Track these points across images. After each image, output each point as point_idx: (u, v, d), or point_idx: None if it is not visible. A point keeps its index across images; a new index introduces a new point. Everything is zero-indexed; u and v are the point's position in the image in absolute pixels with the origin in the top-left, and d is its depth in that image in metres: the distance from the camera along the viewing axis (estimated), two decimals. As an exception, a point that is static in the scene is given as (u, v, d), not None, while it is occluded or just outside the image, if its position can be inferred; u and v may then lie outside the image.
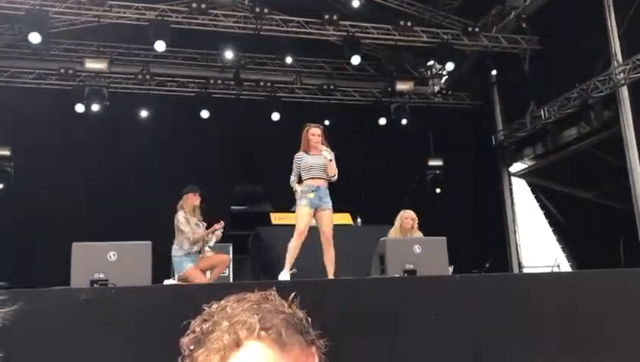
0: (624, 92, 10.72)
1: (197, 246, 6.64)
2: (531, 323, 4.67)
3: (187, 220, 6.59)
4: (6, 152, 11.98)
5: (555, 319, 4.70)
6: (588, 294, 4.96)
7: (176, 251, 6.59)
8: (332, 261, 5.69)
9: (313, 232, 5.87)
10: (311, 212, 5.77)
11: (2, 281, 7.57)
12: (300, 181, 5.87)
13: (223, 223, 6.85)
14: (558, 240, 13.33)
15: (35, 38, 10.43)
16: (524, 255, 13.79)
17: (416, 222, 7.05)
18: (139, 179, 11.93)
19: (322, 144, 5.82)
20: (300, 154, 5.91)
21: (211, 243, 6.95)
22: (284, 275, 5.67)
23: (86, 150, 11.80)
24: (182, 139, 12.60)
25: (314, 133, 5.88)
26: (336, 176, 5.81)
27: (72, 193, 11.51)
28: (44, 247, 10.32)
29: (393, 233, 6.98)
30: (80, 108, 12.04)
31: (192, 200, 6.74)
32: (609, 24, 10.77)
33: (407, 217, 6.98)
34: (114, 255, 4.69)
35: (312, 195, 5.73)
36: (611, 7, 10.77)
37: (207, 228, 6.83)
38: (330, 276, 5.59)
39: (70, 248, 4.78)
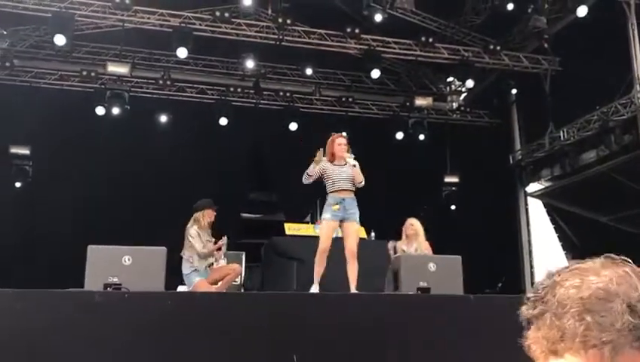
0: (646, 116, 10.62)
1: (207, 262, 6.57)
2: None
3: (199, 235, 6.52)
4: (26, 151, 12.12)
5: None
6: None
7: (185, 268, 6.51)
8: (355, 274, 5.63)
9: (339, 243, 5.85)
10: (335, 225, 5.75)
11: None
12: (325, 192, 5.85)
13: (225, 238, 6.82)
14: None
15: (59, 40, 10.57)
16: (537, 276, 13.64)
17: (422, 231, 7.08)
18: (156, 183, 12.01)
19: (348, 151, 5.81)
20: (324, 164, 5.85)
21: (222, 261, 6.90)
22: (314, 289, 5.61)
23: (105, 152, 11.89)
24: (199, 145, 12.66)
25: (340, 142, 5.86)
26: (363, 182, 5.77)
27: (89, 194, 11.61)
28: (60, 248, 10.38)
29: (400, 242, 7.03)
30: (100, 110, 12.15)
31: (210, 216, 6.66)
32: (632, 47, 10.69)
33: (411, 225, 7.04)
34: (129, 259, 4.70)
35: (336, 208, 5.70)
36: (635, 30, 10.70)
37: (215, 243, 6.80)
38: (353, 289, 5.54)
39: (86, 248, 4.81)
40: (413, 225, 7.11)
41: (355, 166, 5.71)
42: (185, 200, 9.94)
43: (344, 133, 6.16)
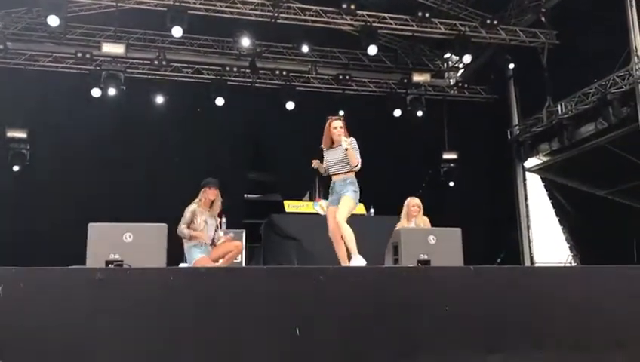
0: (644, 88, 10.59)
1: (187, 240, 6.55)
2: (543, 316, 4.64)
3: (193, 214, 6.49)
4: (22, 135, 12.08)
5: (567, 314, 4.66)
6: (601, 289, 4.92)
7: (185, 241, 6.55)
8: (349, 241, 5.62)
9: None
10: (334, 208, 5.78)
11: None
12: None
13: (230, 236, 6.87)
14: (566, 239, 13.26)
15: (53, 21, 10.50)
16: (536, 251, 13.72)
17: (422, 208, 7.13)
18: (153, 163, 12.04)
19: (345, 135, 5.78)
20: (325, 152, 5.96)
21: (222, 237, 6.90)
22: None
23: (101, 134, 11.85)
24: (196, 125, 12.66)
25: (336, 126, 5.83)
26: (359, 165, 5.75)
27: (87, 176, 11.63)
28: (60, 228, 10.41)
29: (401, 221, 7.07)
30: (96, 92, 12.07)
31: (208, 193, 6.63)
32: (630, 19, 10.64)
33: (413, 205, 7.09)
34: (130, 236, 4.72)
35: (332, 192, 5.84)
36: (633, 2, 10.64)
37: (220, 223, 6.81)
38: (354, 255, 5.56)
39: (86, 229, 4.81)
40: (416, 203, 7.12)
41: (347, 149, 5.67)
42: (182, 180, 9.99)
43: (341, 113, 6.13)
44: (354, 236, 5.60)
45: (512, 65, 13.98)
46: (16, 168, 12.05)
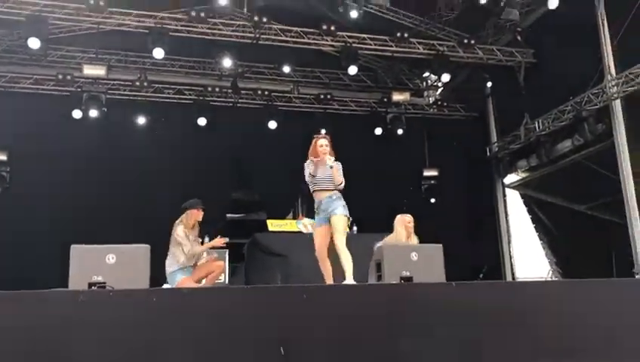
0: (617, 105, 10.85)
1: (193, 261, 6.58)
2: (526, 330, 4.71)
3: (186, 235, 6.51)
4: (2, 157, 11.97)
5: (550, 327, 4.74)
6: (582, 302, 5.01)
7: (169, 266, 6.50)
8: (347, 264, 5.68)
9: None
10: (323, 228, 5.82)
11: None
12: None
13: (223, 241, 6.83)
14: (546, 254, 13.41)
15: (34, 43, 10.49)
16: (517, 266, 13.85)
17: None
18: (135, 184, 11.99)
19: (330, 154, 5.85)
20: (307, 163, 5.94)
21: (204, 257, 6.90)
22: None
23: (83, 155, 11.81)
24: (179, 146, 12.65)
25: (321, 143, 5.90)
26: (343, 184, 5.82)
27: (69, 197, 11.52)
28: (41, 251, 10.32)
29: (394, 238, 7.01)
30: (77, 114, 12.06)
31: (196, 215, 6.65)
32: (602, 38, 10.91)
33: (409, 221, 7.09)
34: (112, 258, 4.70)
35: (320, 210, 5.85)
36: (605, 22, 10.92)
37: (202, 242, 6.81)
38: (349, 279, 5.59)
39: (68, 252, 4.79)
40: (412, 222, 7.14)
41: (331, 167, 5.75)
42: (165, 201, 9.97)
43: (323, 131, 6.18)
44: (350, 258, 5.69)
45: (489, 84, 14.28)
46: (-4, 191, 11.93)
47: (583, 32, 11.17)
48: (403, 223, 7.07)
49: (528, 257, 13.70)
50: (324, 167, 5.83)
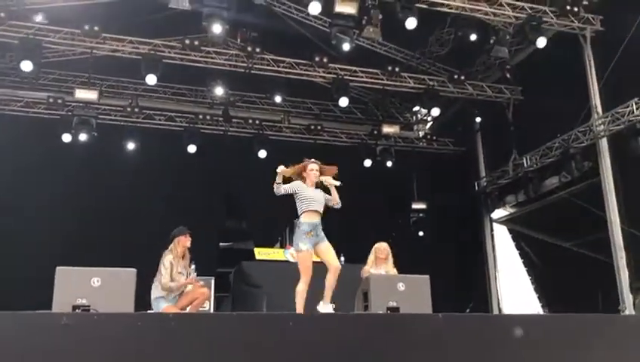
0: (604, 143, 11.00)
1: (166, 293, 6.44)
2: (512, 363, 4.69)
3: (172, 266, 6.37)
4: (-10, 179, 11.85)
5: (536, 360, 4.72)
6: (567, 337, 5.00)
7: (154, 290, 6.43)
8: (332, 285, 5.64)
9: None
10: (312, 254, 5.68)
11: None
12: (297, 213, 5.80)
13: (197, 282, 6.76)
14: (535, 289, 13.41)
15: (26, 66, 10.52)
16: (504, 301, 13.82)
17: (390, 254, 7.19)
18: (123, 209, 11.91)
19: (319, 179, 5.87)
20: (298, 183, 5.84)
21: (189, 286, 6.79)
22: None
23: (72, 179, 11.74)
24: (168, 173, 12.61)
25: (312, 168, 5.92)
26: (340, 204, 5.85)
27: (55, 221, 11.43)
28: (27, 273, 10.15)
29: (368, 265, 7.10)
30: (67, 137, 12.02)
31: (184, 242, 6.56)
32: (589, 77, 11.13)
33: (383, 249, 7.17)
34: (98, 281, 4.66)
35: (310, 234, 5.66)
36: (592, 61, 11.17)
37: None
38: (326, 300, 5.56)
39: (52, 275, 4.73)
40: (385, 249, 7.20)
41: (335, 186, 5.82)
42: (153, 226, 9.88)
43: (317, 161, 6.17)
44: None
45: (478, 119, 14.46)
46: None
47: (571, 70, 11.39)
48: (375, 251, 7.20)
49: (516, 292, 13.69)
50: (316, 190, 5.83)
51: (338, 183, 5.77)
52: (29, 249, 11.02)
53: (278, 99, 12.88)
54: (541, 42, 10.97)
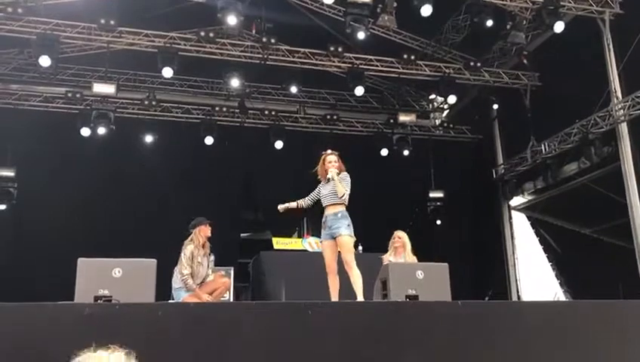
0: (624, 128, 10.84)
1: (182, 284, 6.51)
2: (531, 350, 4.69)
3: (192, 256, 6.48)
4: (10, 173, 12.03)
5: (555, 347, 4.71)
6: (588, 323, 4.98)
7: (175, 281, 6.53)
8: (358, 283, 5.78)
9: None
10: (329, 243, 5.90)
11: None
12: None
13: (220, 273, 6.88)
14: (556, 275, 13.31)
15: (44, 61, 10.62)
16: (523, 288, 13.75)
17: (408, 243, 7.20)
18: (142, 203, 12.03)
19: (340, 169, 5.92)
20: (318, 187, 6.12)
21: (210, 276, 6.88)
22: None
23: (90, 173, 11.86)
24: (185, 165, 12.71)
25: (330, 160, 6.00)
26: (345, 196, 5.87)
27: (75, 213, 11.56)
28: (48, 266, 10.32)
29: (387, 255, 7.16)
30: (86, 131, 12.14)
31: (205, 231, 6.68)
32: (608, 61, 10.96)
33: (399, 237, 7.21)
34: (119, 271, 4.72)
35: (324, 228, 5.94)
36: (611, 45, 10.98)
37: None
38: (360, 298, 5.65)
39: (74, 267, 4.81)
40: (401, 238, 7.24)
41: (330, 179, 5.82)
42: (171, 218, 10.00)
43: (335, 152, 6.22)
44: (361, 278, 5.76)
45: (496, 106, 14.31)
46: (2, 207, 11.98)
47: (589, 55, 11.23)
48: (392, 241, 7.26)
49: (535, 280, 13.60)
50: (330, 183, 5.89)
51: (329, 175, 5.82)
52: (49, 241, 11.19)
53: (293, 89, 12.86)
54: (559, 27, 10.76)
